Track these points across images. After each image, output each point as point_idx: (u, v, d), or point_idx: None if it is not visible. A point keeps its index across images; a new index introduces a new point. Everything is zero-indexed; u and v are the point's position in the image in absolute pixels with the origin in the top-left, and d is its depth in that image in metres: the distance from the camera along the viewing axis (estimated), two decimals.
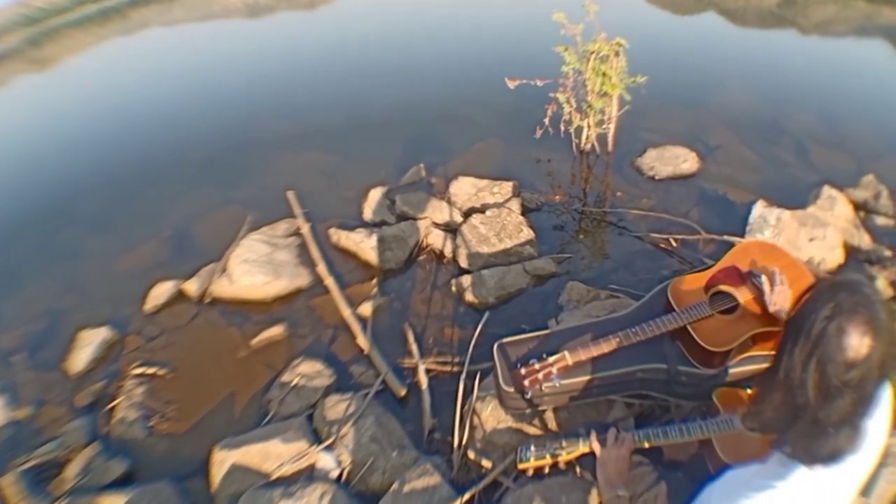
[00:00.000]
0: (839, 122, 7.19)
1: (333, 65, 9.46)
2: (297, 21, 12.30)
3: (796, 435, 1.59)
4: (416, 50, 9.76)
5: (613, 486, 2.34)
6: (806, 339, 1.49)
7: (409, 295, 4.73)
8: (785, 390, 1.57)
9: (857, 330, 1.44)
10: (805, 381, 1.50)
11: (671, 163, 6.05)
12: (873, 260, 4.93)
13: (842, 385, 1.47)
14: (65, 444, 3.78)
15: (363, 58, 9.64)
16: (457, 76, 8.54)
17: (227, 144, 7.10)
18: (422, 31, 10.61)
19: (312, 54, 9.99)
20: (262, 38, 11.34)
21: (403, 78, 8.68)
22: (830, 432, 1.55)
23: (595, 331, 3.18)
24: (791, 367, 1.52)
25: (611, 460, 2.43)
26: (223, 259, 4.92)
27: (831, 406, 1.50)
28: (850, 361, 1.45)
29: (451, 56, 9.41)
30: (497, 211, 5.22)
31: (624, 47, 5.45)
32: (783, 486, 1.65)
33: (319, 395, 3.85)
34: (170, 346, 4.47)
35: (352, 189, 5.84)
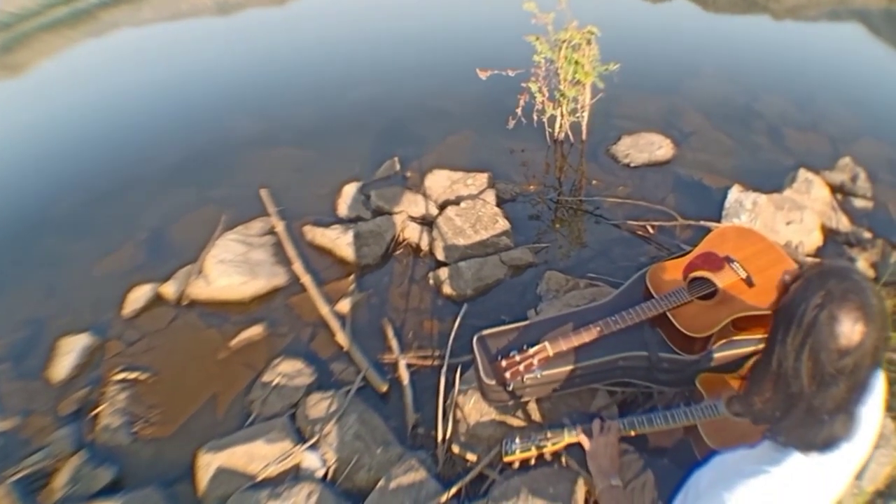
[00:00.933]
0: (814, 106, 7.24)
1: (305, 60, 9.42)
2: (267, 17, 12.26)
3: (791, 424, 1.60)
4: (388, 43, 9.73)
5: (606, 475, 2.35)
6: (798, 327, 1.49)
7: (386, 290, 4.73)
8: (778, 379, 1.57)
9: (849, 317, 1.45)
10: (799, 370, 1.50)
11: (646, 150, 6.07)
12: (852, 242, 4.96)
13: (836, 372, 1.48)
14: (52, 454, 3.76)
15: (334, 52, 9.60)
16: (429, 68, 8.54)
17: (200, 143, 7.05)
18: (393, 24, 10.58)
19: (283, 50, 9.94)
20: (233, 36, 11.28)
21: (375, 71, 8.65)
22: (825, 420, 1.55)
23: (575, 320, 3.21)
24: (784, 355, 1.52)
25: (600, 449, 2.46)
26: (199, 260, 4.89)
27: (826, 393, 1.51)
28: (844, 349, 1.46)
29: (423, 48, 9.40)
30: (472, 202, 5.23)
31: (596, 35, 5.46)
32: (777, 471, 1.65)
33: (301, 394, 3.84)
34: (150, 350, 4.44)
35: (326, 185, 5.83)
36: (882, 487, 3.25)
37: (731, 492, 1.67)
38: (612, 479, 2.33)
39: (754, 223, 4.67)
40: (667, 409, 2.71)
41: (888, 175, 5.94)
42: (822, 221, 5.05)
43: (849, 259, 4.75)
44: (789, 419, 1.59)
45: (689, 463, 2.22)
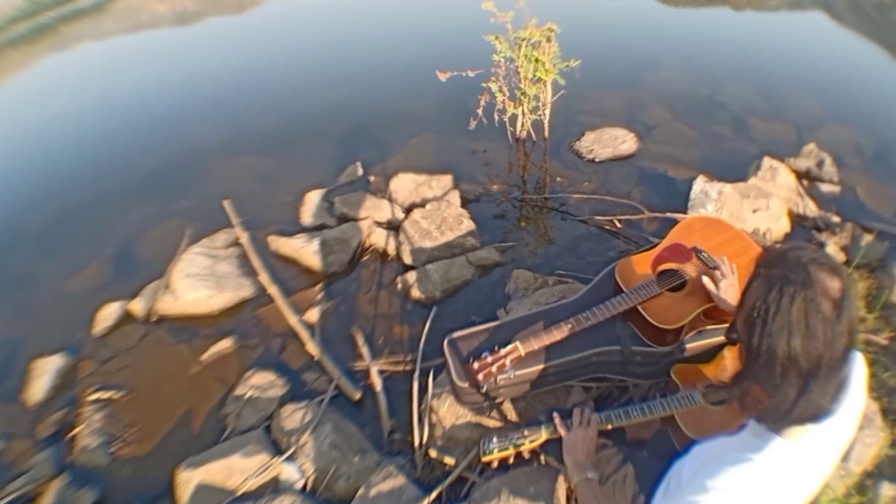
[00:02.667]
0: (777, 95, 7.33)
1: (266, 67, 9.37)
2: (226, 25, 12.19)
3: (811, 400, 1.57)
4: (349, 47, 9.70)
5: (582, 468, 2.35)
6: (787, 313, 1.50)
7: (355, 297, 4.73)
8: (785, 371, 1.56)
9: (824, 274, 1.50)
10: (813, 343, 1.50)
11: (610, 144, 6.12)
12: (821, 227, 5.01)
13: (839, 324, 1.49)
14: (35, 477, 3.72)
15: (296, 58, 9.57)
16: (390, 72, 8.53)
17: (164, 154, 6.97)
18: (353, 29, 10.53)
19: (244, 58, 9.88)
20: (193, 45, 11.21)
21: (336, 76, 8.62)
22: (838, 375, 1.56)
23: (546, 318, 3.22)
24: (790, 345, 1.51)
25: (578, 442, 2.46)
26: (166, 275, 4.85)
27: (834, 348, 1.51)
28: (835, 301, 1.49)
29: (384, 52, 9.38)
30: (437, 204, 5.24)
31: (556, 32, 5.49)
32: (759, 457, 1.67)
33: (275, 406, 3.83)
34: (123, 368, 4.40)
35: (289, 193, 5.81)
36: (870, 468, 3.30)
37: (713, 479, 1.68)
38: (588, 472, 2.33)
39: (720, 213, 4.71)
40: (643, 401, 2.73)
41: (854, 159, 6.02)
42: (789, 208, 5.10)
43: (818, 244, 4.80)
44: (806, 399, 1.57)
45: (670, 454, 2.23)
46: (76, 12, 14.74)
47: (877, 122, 6.79)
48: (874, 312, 4.15)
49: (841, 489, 3.19)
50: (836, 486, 3.17)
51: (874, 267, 4.62)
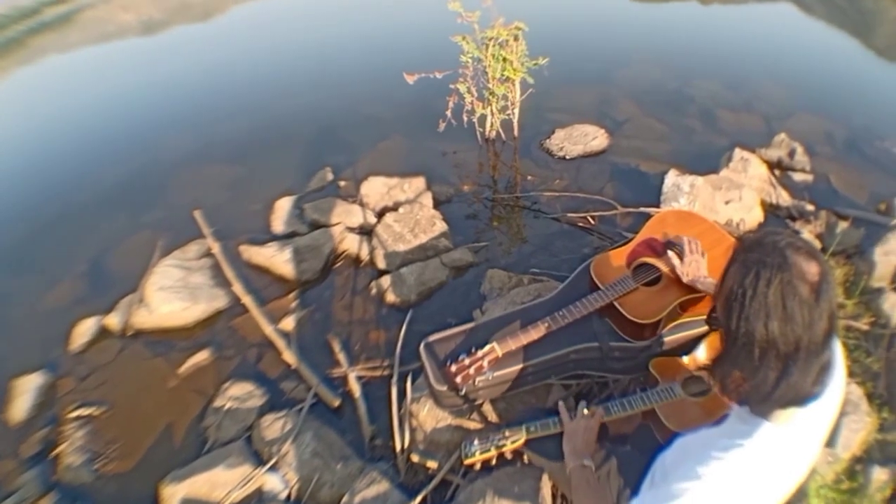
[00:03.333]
0: (746, 86, 7.40)
1: (232, 73, 9.33)
2: (192, 33, 12.13)
3: (792, 383, 1.58)
4: (314, 51, 9.68)
5: (579, 455, 2.36)
6: (764, 297, 1.51)
7: (329, 303, 4.72)
8: (763, 354, 1.57)
9: (801, 258, 1.51)
10: (791, 327, 1.51)
11: (580, 141, 6.15)
12: (795, 215, 5.06)
13: (818, 308, 1.50)
14: (24, 497, 3.70)
15: (262, 64, 9.53)
16: (356, 75, 8.50)
17: (132, 166, 6.91)
18: (319, 33, 10.52)
19: (210, 65, 9.83)
20: (160, 54, 11.15)
21: (305, 81, 8.62)
22: (819, 358, 1.57)
23: (522, 318, 3.22)
24: (767, 328, 1.52)
25: (579, 430, 2.48)
26: (140, 289, 4.82)
27: (814, 331, 1.52)
28: (813, 284, 1.49)
29: (350, 55, 9.36)
30: (409, 207, 5.24)
31: (523, 31, 5.49)
32: (749, 443, 1.67)
33: (254, 416, 3.82)
34: (102, 384, 4.36)
35: (259, 201, 5.79)
36: (859, 453, 3.33)
37: (704, 466, 1.68)
38: (584, 460, 2.33)
39: (693, 205, 4.74)
40: (623, 396, 2.75)
41: (826, 147, 6.07)
42: (762, 198, 5.15)
43: (794, 232, 4.82)
44: (787, 381, 1.58)
45: (652, 447, 2.24)
46: (43, 25, 14.65)
47: (847, 111, 6.85)
48: (853, 298, 4.20)
49: (830, 475, 3.22)
50: (824, 473, 3.19)
51: (850, 253, 4.68)
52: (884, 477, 3.25)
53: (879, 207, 5.31)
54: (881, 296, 4.23)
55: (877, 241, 4.62)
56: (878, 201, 5.37)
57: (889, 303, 4.15)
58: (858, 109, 6.93)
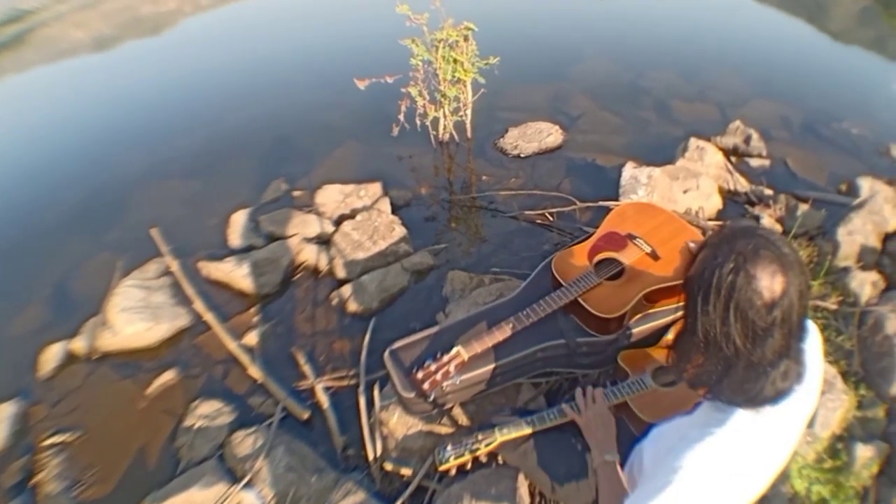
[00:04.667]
0: (699, 76, 7.50)
1: (184, 87, 9.22)
2: (144, 48, 11.99)
3: (733, 382, 1.61)
4: (265, 62, 9.59)
5: (602, 449, 2.35)
6: (717, 294, 1.52)
7: (291, 316, 4.70)
8: (708, 346, 1.60)
9: (766, 271, 1.49)
10: (729, 334, 1.53)
11: (535, 139, 6.19)
12: (754, 201, 5.13)
13: (768, 326, 1.50)
14: None
15: (214, 77, 9.44)
16: (307, 83, 8.50)
17: (88, 186, 6.81)
18: (269, 43, 10.43)
19: (162, 79, 9.72)
20: (112, 70, 11.04)
21: (253, 92, 8.53)
22: (769, 371, 1.58)
23: (486, 319, 3.24)
24: (710, 324, 1.55)
25: (592, 422, 2.49)
26: (102, 311, 4.76)
27: (763, 347, 1.54)
28: (770, 302, 1.49)
29: (299, 64, 9.35)
30: (367, 214, 5.23)
31: (473, 31, 5.50)
32: (723, 431, 1.68)
33: (225, 434, 3.79)
34: (74, 409, 4.31)
35: (214, 215, 5.72)
36: (839, 431, 3.38)
37: (680, 459, 1.69)
38: (605, 455, 2.33)
39: (652, 196, 4.79)
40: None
41: (782, 132, 6.15)
42: (720, 185, 5.23)
43: (754, 217, 4.87)
44: (730, 378, 1.61)
45: (628, 440, 2.30)
46: None
47: (802, 95, 6.96)
48: (819, 279, 4.26)
49: (811, 455, 3.26)
50: (805, 454, 3.24)
51: (813, 235, 4.77)
52: (869, 454, 3.31)
53: (840, 188, 5.38)
54: (848, 275, 4.29)
55: (839, 222, 4.70)
56: (838, 182, 5.46)
57: (856, 281, 4.22)
58: (814, 93, 7.04)
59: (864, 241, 4.61)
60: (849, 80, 7.81)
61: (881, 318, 3.94)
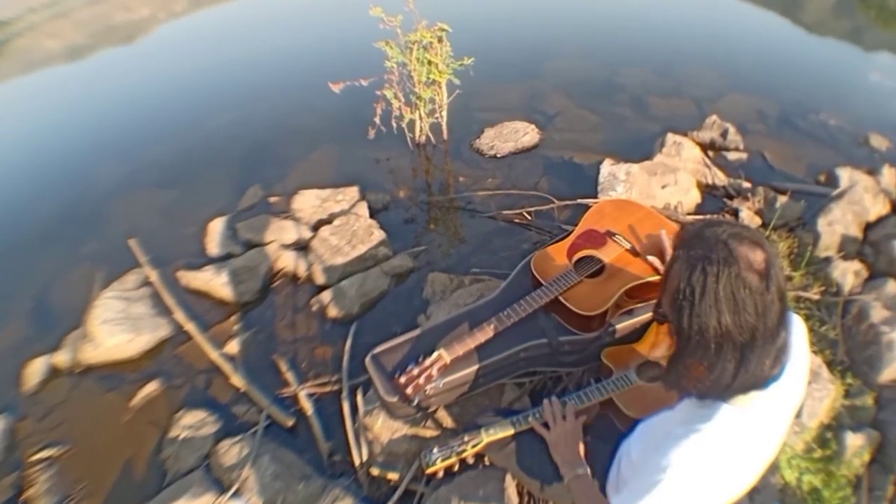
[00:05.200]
0: (674, 71, 7.55)
1: (158, 94, 9.16)
2: (119, 56, 11.93)
3: (752, 366, 1.61)
4: (240, 67, 9.55)
5: (572, 465, 2.34)
6: (714, 293, 1.53)
7: (272, 323, 4.68)
8: (721, 348, 1.59)
9: (744, 248, 1.53)
10: (743, 317, 1.53)
11: (511, 138, 6.21)
12: (732, 194, 5.16)
13: (769, 294, 1.53)
14: None
15: (187, 83, 9.38)
16: (281, 88, 8.47)
17: (65, 198, 6.75)
18: (243, 48, 10.40)
19: (136, 86, 9.66)
20: (87, 80, 10.97)
21: (228, 97, 8.51)
22: (776, 341, 1.60)
23: (467, 320, 3.25)
24: (720, 322, 1.55)
25: (561, 438, 2.47)
26: (84, 323, 4.73)
27: (769, 315, 1.55)
28: (762, 271, 1.53)
29: (275, 69, 9.30)
30: (345, 218, 5.22)
31: (447, 32, 5.50)
32: (709, 427, 1.69)
33: (211, 444, 3.77)
34: (60, 424, 4.27)
35: (192, 224, 5.69)
36: (827, 420, 3.39)
37: (666, 457, 1.70)
38: (577, 469, 2.32)
39: (631, 193, 4.81)
40: (579, 389, 2.79)
41: (757, 125, 6.20)
42: (698, 179, 5.26)
43: (733, 210, 4.89)
44: (747, 364, 1.60)
45: (615, 436, 2.31)
46: None
47: (777, 87, 7.02)
48: (800, 270, 4.28)
49: (800, 445, 3.27)
50: (793, 444, 3.25)
51: (793, 226, 4.81)
52: (859, 442, 3.34)
53: (819, 179, 5.42)
54: (829, 265, 4.34)
55: (819, 213, 4.75)
56: (817, 173, 5.50)
57: (839, 271, 4.27)
58: (790, 86, 7.10)
59: (845, 231, 4.64)
60: (825, 71, 7.89)
61: (865, 306, 3.98)
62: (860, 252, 4.68)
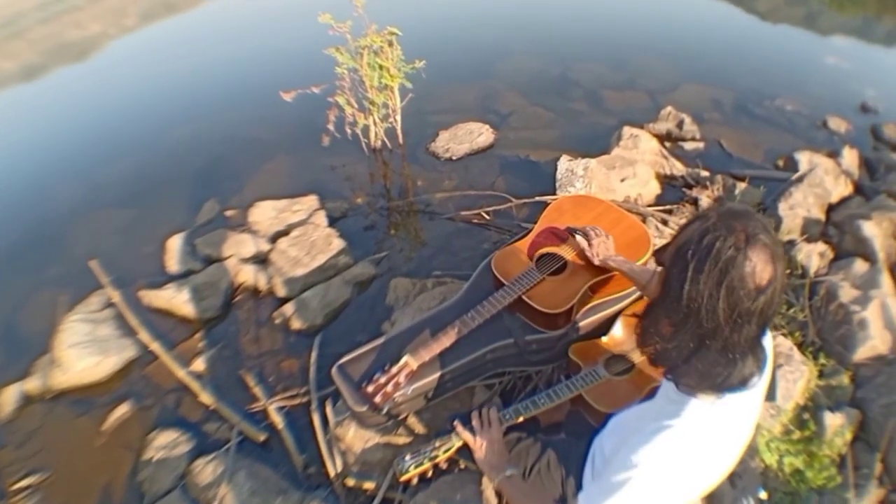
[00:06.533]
0: (627, 64, 7.63)
1: (113, 111, 9.06)
2: (73, 74, 11.81)
3: (703, 364, 1.63)
4: (191, 81, 9.46)
5: (499, 469, 2.38)
6: (714, 264, 1.51)
7: (236, 339, 4.66)
8: (688, 318, 1.59)
9: (760, 258, 1.50)
10: (715, 308, 1.53)
11: (466, 140, 6.24)
12: (691, 183, 5.20)
13: (751, 312, 1.52)
14: None
15: (141, 98, 9.26)
16: (232, 99, 8.43)
17: (24, 223, 6.64)
18: (193, 61, 10.31)
19: (89, 104, 9.58)
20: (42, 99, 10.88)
21: (180, 112, 8.44)
22: (738, 360, 1.61)
23: (431, 325, 3.24)
24: (697, 293, 1.54)
25: (485, 447, 2.49)
26: (52, 349, 4.68)
27: (741, 331, 1.55)
28: (758, 288, 1.51)
29: (226, 81, 9.24)
30: (303, 229, 5.21)
31: (397, 35, 5.52)
32: (679, 422, 1.71)
33: (185, 463, 3.75)
34: (39, 451, 4.23)
35: (151, 242, 5.63)
36: (802, 401, 3.43)
37: (636, 454, 1.71)
38: (506, 472, 2.37)
39: (590, 188, 4.85)
40: (549, 387, 2.81)
41: (713, 114, 6.27)
42: (656, 171, 5.34)
43: (693, 200, 4.92)
44: (699, 358, 1.63)
45: (588, 432, 2.32)
46: None
47: (730, 75, 7.11)
48: None
49: (777, 428, 3.30)
50: (770, 426, 3.27)
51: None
52: (839, 421, 3.37)
53: (778, 164, 5.48)
54: (794, 248, 4.43)
55: (780, 197, 4.85)
56: (775, 158, 5.57)
57: (803, 253, 4.35)
58: (745, 74, 7.20)
59: (807, 214, 4.72)
60: (780, 58, 7.98)
61: (833, 287, 4.06)
62: (824, 233, 4.76)
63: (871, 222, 4.58)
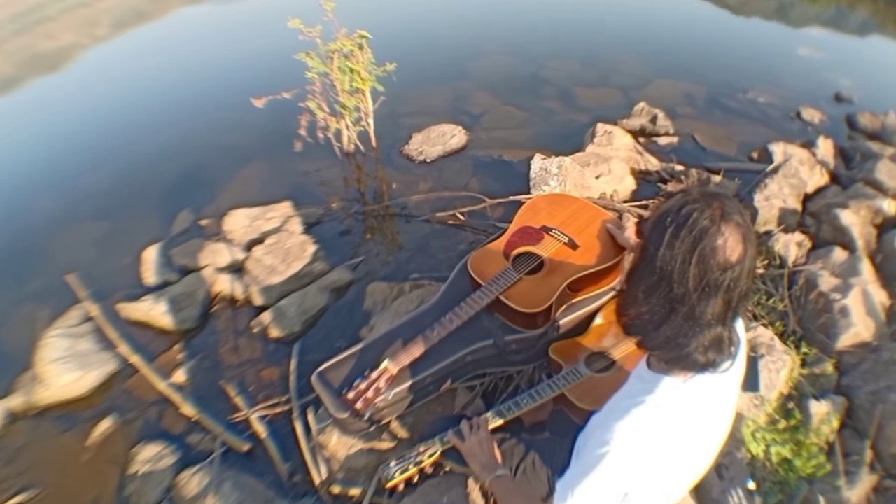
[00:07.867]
0: (600, 62, 7.67)
1: (84, 122, 8.99)
2: (47, 86, 11.75)
3: (669, 330, 1.66)
4: (163, 90, 9.39)
5: (491, 469, 2.38)
6: (689, 232, 1.55)
7: (215, 349, 4.64)
8: (660, 283, 1.62)
9: (733, 235, 1.55)
10: (685, 273, 1.56)
11: (439, 142, 6.26)
12: (666, 178, 5.21)
13: (717, 284, 1.56)
14: None
15: (112, 109, 9.22)
16: (202, 107, 8.39)
17: (2, 238, 6.67)
18: (164, 70, 10.26)
19: (65, 116, 9.51)
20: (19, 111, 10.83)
21: (154, 121, 8.34)
22: (703, 330, 1.64)
23: (410, 329, 3.23)
24: (671, 258, 1.58)
25: (476, 448, 2.49)
26: (33, 365, 4.65)
27: (706, 302, 1.59)
28: (724, 263, 1.54)
29: (196, 89, 9.20)
30: (277, 236, 5.20)
31: (367, 39, 5.52)
32: (651, 398, 1.74)
33: (171, 476, 3.73)
34: (28, 468, 4.19)
35: (127, 254, 5.58)
36: (786, 391, 3.45)
37: (610, 431, 1.74)
38: (497, 471, 2.36)
39: (565, 186, 4.84)
40: (531, 387, 2.82)
41: (686, 108, 6.31)
42: (631, 167, 5.37)
43: (669, 194, 4.94)
44: (668, 325, 1.65)
45: (571, 430, 2.31)
46: None
47: (703, 69, 7.16)
48: None
49: (762, 418, 3.32)
50: (755, 417, 3.29)
51: None
52: (824, 409, 3.39)
53: (752, 156, 5.52)
54: (771, 238, 4.46)
55: (755, 188, 4.87)
56: (749, 151, 5.60)
57: (781, 243, 4.39)
58: (716, 67, 7.26)
59: (783, 205, 4.75)
60: (752, 51, 8.05)
61: (812, 276, 4.10)
62: (801, 223, 4.80)
63: (848, 210, 4.62)
